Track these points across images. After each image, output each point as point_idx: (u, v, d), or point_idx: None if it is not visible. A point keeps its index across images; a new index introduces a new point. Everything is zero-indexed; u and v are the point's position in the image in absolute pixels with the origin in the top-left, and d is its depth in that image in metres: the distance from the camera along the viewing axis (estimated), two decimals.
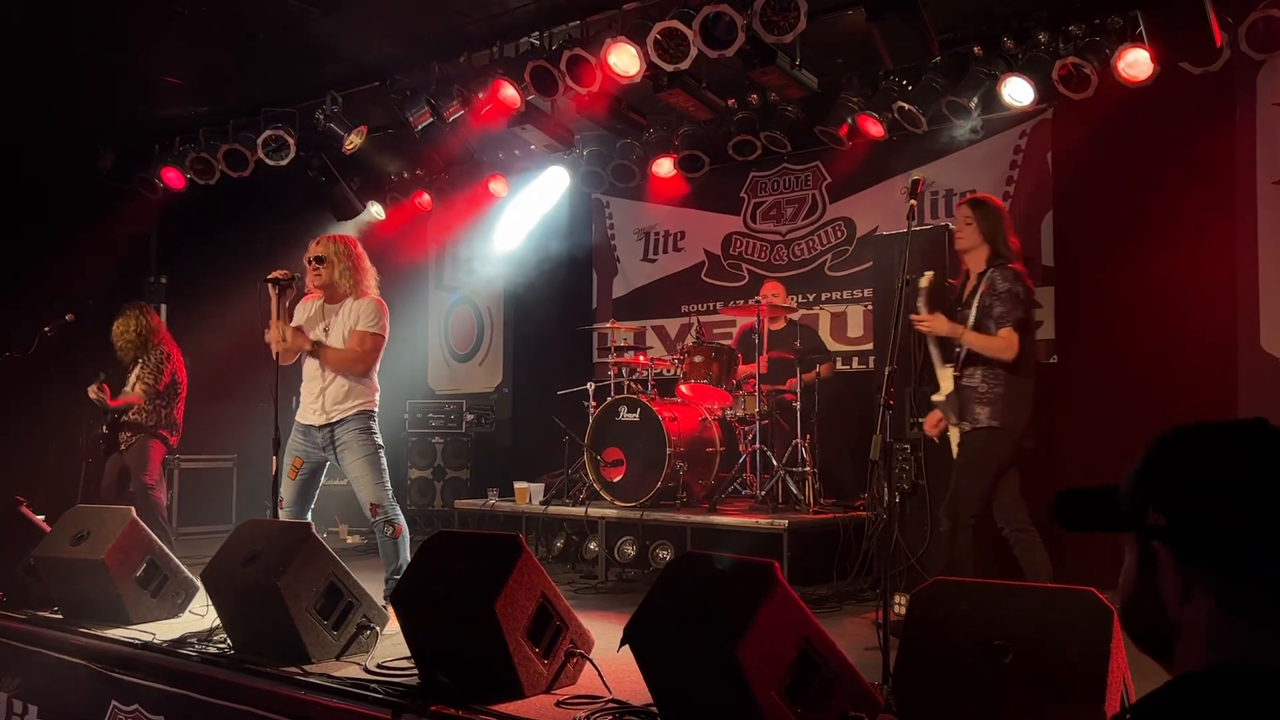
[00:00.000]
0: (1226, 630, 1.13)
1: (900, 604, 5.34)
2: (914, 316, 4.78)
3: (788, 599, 2.94)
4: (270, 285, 4.97)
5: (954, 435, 4.89)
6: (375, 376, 5.22)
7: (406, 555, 5.00)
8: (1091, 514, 1.22)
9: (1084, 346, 6.74)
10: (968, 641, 2.67)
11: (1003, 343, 4.58)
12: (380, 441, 5.14)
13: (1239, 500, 1.12)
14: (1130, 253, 6.44)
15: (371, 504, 5.00)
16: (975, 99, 6.66)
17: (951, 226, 6.43)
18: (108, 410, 6.97)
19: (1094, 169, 6.71)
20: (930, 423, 5.06)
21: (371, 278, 5.27)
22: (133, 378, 7.01)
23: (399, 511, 5.12)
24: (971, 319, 4.68)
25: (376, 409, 5.19)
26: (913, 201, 3.95)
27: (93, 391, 6.79)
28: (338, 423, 5.06)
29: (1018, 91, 6.42)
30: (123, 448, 6.98)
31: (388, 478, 5.12)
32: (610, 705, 3.52)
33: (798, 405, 6.70)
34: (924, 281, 4.90)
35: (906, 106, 6.86)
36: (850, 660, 3.03)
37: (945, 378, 4.81)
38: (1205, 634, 1.14)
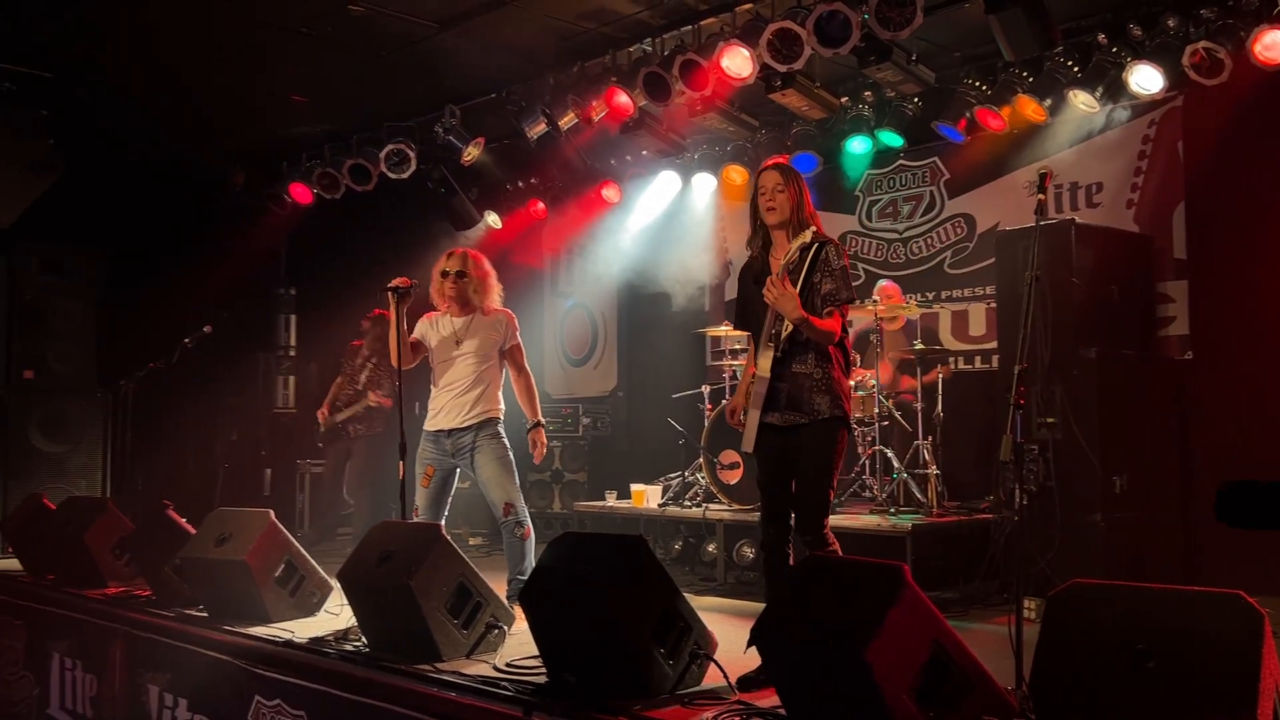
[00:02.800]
0: None
1: (1030, 608, 5.21)
2: (770, 283, 3.97)
3: (917, 601, 2.91)
4: (390, 294, 5.14)
5: (752, 425, 4.09)
6: (500, 388, 5.41)
7: (532, 558, 5.11)
8: (1263, 512, 1.15)
9: (1221, 341, 6.46)
10: (1108, 646, 2.59)
11: (835, 324, 4.05)
12: (510, 452, 5.30)
13: None
14: (1270, 242, 6.15)
15: (505, 504, 5.14)
16: (1100, 89, 6.47)
17: (1078, 220, 6.28)
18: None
19: (1229, 157, 6.43)
20: (732, 410, 4.30)
21: (497, 292, 5.46)
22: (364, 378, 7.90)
23: (528, 515, 5.24)
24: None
25: (502, 420, 5.37)
26: (1040, 195, 3.85)
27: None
28: (472, 427, 5.21)
29: (1146, 79, 6.20)
30: (350, 435, 7.95)
31: (519, 489, 5.27)
32: (737, 707, 3.52)
33: (919, 406, 6.59)
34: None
35: (1027, 98, 6.70)
36: (983, 665, 2.98)
37: (766, 359, 4.07)
38: None
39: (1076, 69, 6.56)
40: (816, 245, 4.06)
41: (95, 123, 8.33)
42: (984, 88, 6.95)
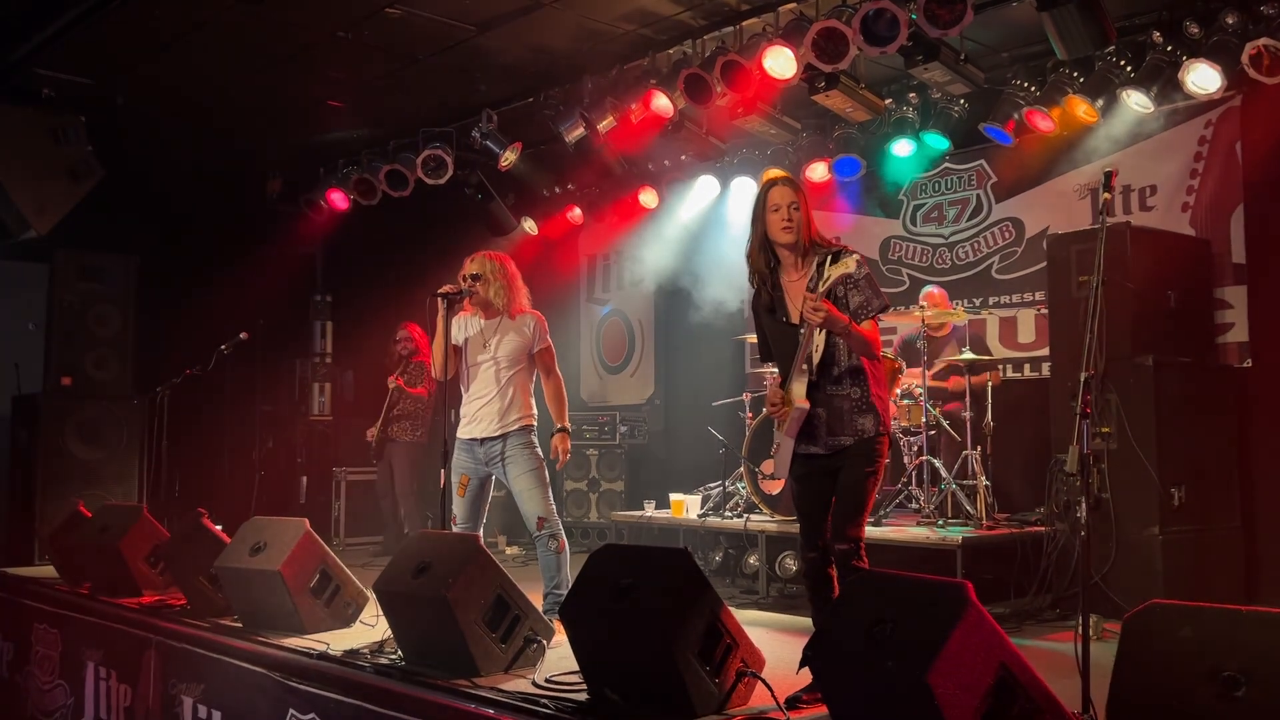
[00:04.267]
0: None
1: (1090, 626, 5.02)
2: (811, 308, 3.68)
3: (982, 621, 2.76)
4: (440, 300, 5.03)
5: (786, 452, 3.93)
6: (531, 394, 5.28)
7: (568, 571, 4.98)
8: None
9: None
10: (1193, 672, 2.43)
11: (876, 333, 3.90)
12: (542, 459, 5.17)
13: None
14: None
15: (539, 517, 5.01)
16: (1155, 88, 6.28)
17: (1133, 223, 6.09)
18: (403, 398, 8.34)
19: None
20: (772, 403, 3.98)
21: (524, 294, 5.33)
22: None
23: (562, 527, 5.13)
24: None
25: (535, 426, 5.24)
26: (1106, 195, 3.68)
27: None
28: (502, 436, 5.09)
29: (1202, 78, 6.00)
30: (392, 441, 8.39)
31: (551, 497, 5.14)
32: None
33: (967, 415, 6.41)
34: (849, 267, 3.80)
35: (1078, 99, 6.51)
36: (1051, 689, 2.82)
37: (801, 386, 3.85)
38: None
39: (1130, 68, 6.39)
40: (832, 256, 3.85)
41: (133, 129, 8.33)
42: (1033, 88, 6.78)
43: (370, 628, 4.91)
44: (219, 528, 5.69)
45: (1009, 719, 2.72)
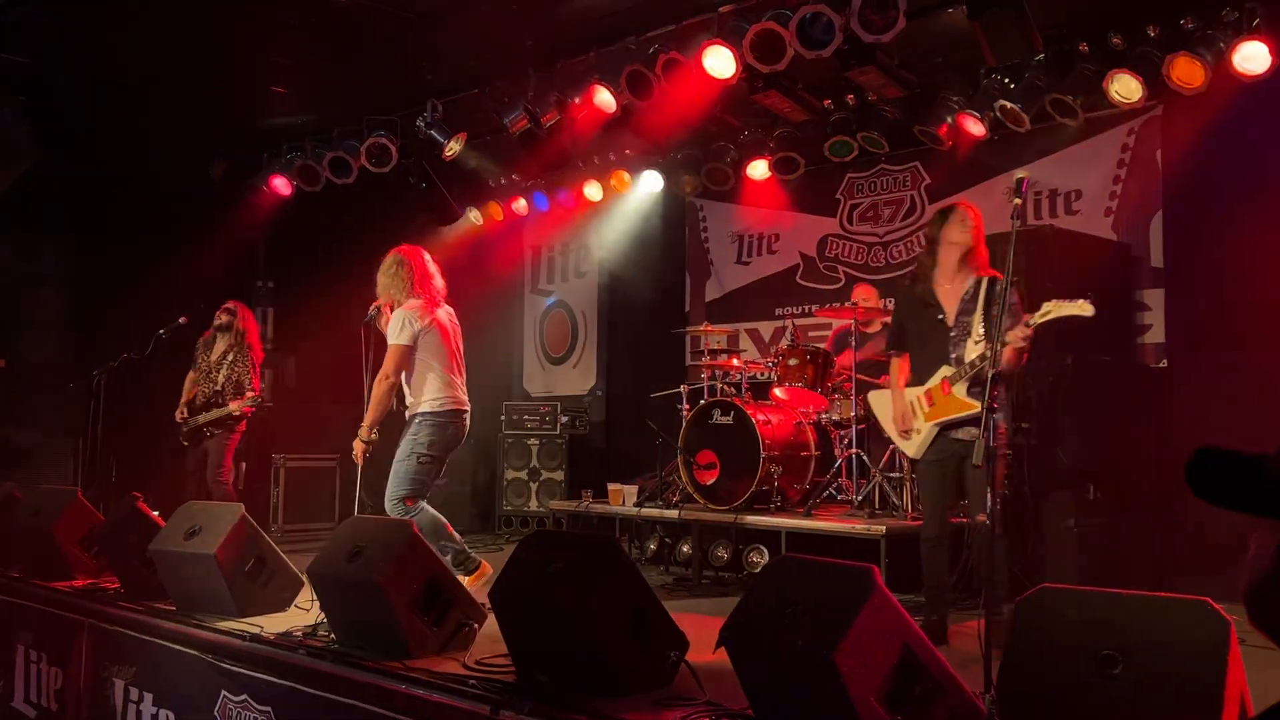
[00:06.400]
0: None
1: (1003, 614, 5.22)
2: (1025, 330, 4.42)
3: (887, 604, 2.90)
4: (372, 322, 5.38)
5: (927, 436, 4.81)
6: (436, 379, 5.37)
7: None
8: (1231, 486, 1.09)
9: (1197, 349, 6.51)
10: (1075, 651, 2.59)
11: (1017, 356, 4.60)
12: (420, 450, 5.29)
13: None
14: (1247, 252, 6.19)
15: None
16: (1081, 96, 6.49)
17: (1056, 226, 6.32)
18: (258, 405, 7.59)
19: (1206, 166, 6.47)
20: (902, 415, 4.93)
21: (410, 288, 5.46)
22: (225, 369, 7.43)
23: (414, 516, 5.21)
24: (978, 329, 4.63)
25: (441, 413, 5.34)
26: (1017, 200, 3.86)
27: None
28: (408, 421, 5.32)
29: (1125, 88, 6.23)
30: (209, 435, 7.39)
31: (409, 488, 5.25)
32: (706, 707, 3.50)
33: None
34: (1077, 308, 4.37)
35: (1008, 105, 6.72)
36: (952, 669, 2.97)
37: (963, 388, 4.66)
38: None
39: (1058, 76, 6.59)
40: (989, 281, 4.66)
41: (72, 109, 8.23)
42: (966, 94, 6.97)
43: (305, 611, 4.96)
44: (155, 512, 5.69)
45: (911, 696, 2.87)
